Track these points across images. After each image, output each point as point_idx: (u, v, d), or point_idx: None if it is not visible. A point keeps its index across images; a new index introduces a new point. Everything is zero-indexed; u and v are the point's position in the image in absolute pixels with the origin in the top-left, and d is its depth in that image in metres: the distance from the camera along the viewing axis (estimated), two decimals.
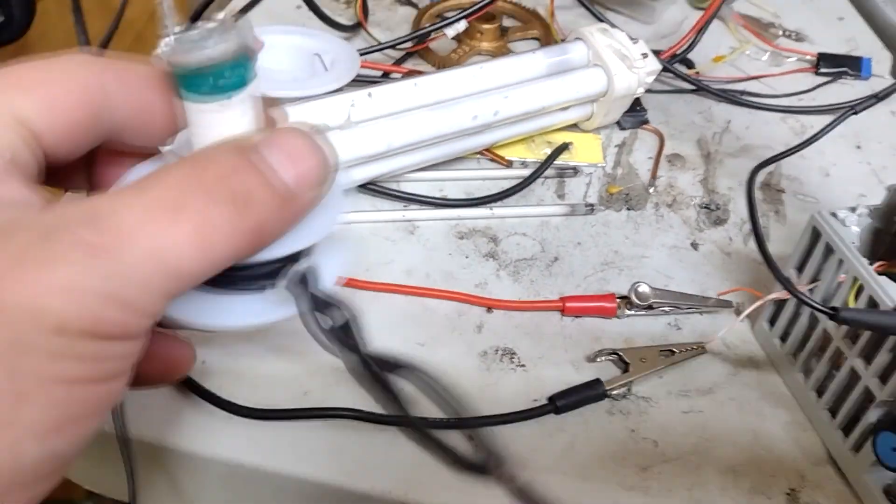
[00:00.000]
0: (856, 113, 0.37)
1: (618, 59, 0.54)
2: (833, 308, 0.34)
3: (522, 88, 0.52)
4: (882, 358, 0.36)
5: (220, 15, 0.24)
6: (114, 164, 0.29)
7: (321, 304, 0.27)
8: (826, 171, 0.58)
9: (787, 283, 0.35)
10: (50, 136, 0.25)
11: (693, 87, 0.63)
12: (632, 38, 0.56)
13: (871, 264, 0.38)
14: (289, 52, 0.52)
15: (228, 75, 0.25)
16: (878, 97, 0.38)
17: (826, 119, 0.39)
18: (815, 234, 0.40)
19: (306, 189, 0.25)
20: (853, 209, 0.40)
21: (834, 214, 0.39)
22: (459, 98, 0.50)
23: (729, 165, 0.57)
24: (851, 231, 0.39)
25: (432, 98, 0.50)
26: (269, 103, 0.50)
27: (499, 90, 0.51)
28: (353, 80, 0.51)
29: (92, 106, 0.26)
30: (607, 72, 0.54)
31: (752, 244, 0.51)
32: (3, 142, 0.23)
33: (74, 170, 0.28)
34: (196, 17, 0.75)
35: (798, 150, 0.38)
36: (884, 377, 0.36)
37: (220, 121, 0.25)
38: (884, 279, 0.36)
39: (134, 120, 0.27)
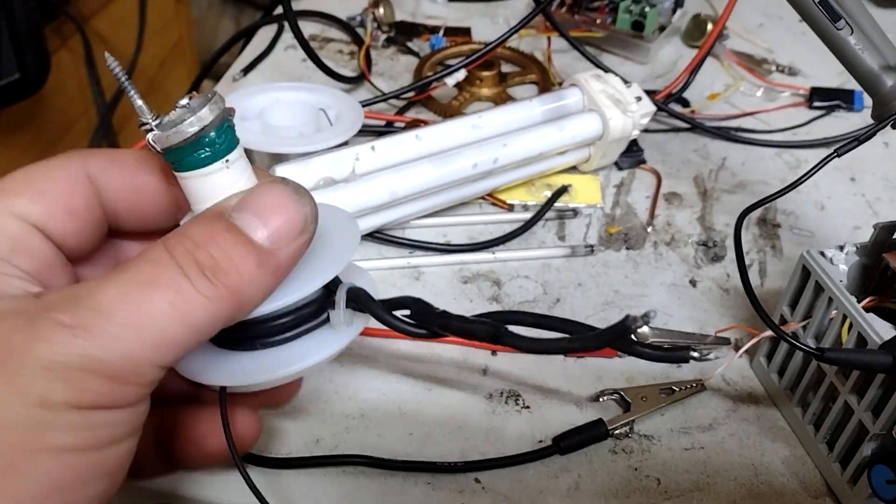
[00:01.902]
0: (838, 156, 0.39)
1: (612, 104, 0.56)
2: (819, 349, 0.35)
3: (520, 136, 0.54)
4: (873, 393, 0.37)
5: (184, 100, 0.26)
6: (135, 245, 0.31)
7: (390, 305, 0.29)
8: (821, 204, 0.59)
9: (773, 326, 0.36)
10: (54, 226, 0.26)
11: (688, 126, 0.64)
12: (626, 82, 0.58)
13: (861, 300, 0.39)
14: (294, 108, 0.54)
15: (219, 139, 0.26)
16: (859, 140, 0.39)
17: (820, 153, 0.41)
18: (806, 273, 0.41)
19: (282, 244, 0.26)
20: (841, 248, 0.41)
21: (822, 254, 0.41)
22: (460, 147, 0.52)
23: (726, 202, 0.59)
24: (840, 269, 0.40)
25: (434, 148, 0.52)
26: (277, 160, 0.52)
27: (497, 138, 0.53)
28: (359, 131, 0.53)
29: (83, 191, 0.27)
30: (602, 116, 0.56)
31: (751, 281, 0.52)
32: (2, 237, 0.25)
33: (102, 255, 0.30)
34: (206, 71, 0.78)
35: (784, 194, 0.40)
36: (876, 411, 0.37)
37: (222, 183, 0.27)
38: (871, 316, 0.37)
39: (129, 202, 0.29)
